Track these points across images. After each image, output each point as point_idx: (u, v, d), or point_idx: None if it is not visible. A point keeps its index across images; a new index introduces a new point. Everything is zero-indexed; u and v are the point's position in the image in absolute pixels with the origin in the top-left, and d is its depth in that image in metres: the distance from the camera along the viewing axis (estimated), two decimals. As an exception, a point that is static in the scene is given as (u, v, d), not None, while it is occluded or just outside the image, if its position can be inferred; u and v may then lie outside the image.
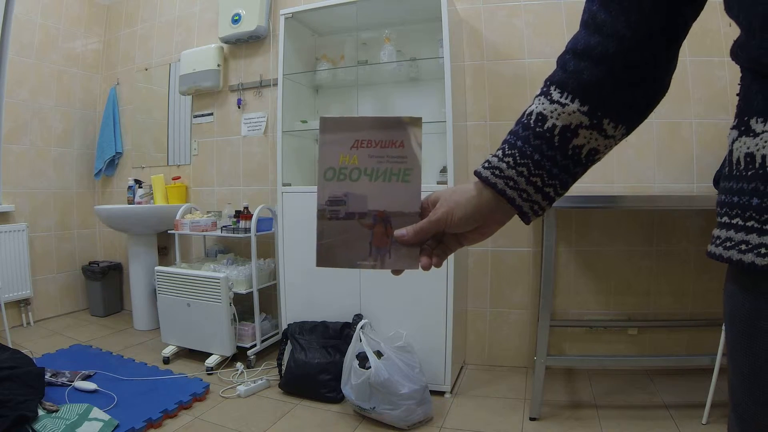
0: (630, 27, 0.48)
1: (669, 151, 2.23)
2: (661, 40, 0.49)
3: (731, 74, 2.15)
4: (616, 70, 0.49)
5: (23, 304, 3.10)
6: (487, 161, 0.54)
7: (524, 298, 2.40)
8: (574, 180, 0.55)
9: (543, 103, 0.52)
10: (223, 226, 2.66)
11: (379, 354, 1.87)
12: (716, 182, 2.07)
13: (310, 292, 2.27)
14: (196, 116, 3.16)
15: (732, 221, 0.42)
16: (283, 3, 2.81)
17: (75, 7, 3.40)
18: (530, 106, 0.54)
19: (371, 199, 0.54)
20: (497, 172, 0.53)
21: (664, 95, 0.54)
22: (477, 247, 2.44)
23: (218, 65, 2.96)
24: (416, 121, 0.54)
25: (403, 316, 2.10)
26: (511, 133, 0.54)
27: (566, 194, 0.58)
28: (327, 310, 2.22)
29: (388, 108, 2.52)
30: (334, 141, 0.54)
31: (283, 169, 2.34)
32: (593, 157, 0.54)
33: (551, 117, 0.51)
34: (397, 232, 0.54)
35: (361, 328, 1.97)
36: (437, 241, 0.56)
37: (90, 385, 2.07)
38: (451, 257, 1.99)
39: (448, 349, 2.05)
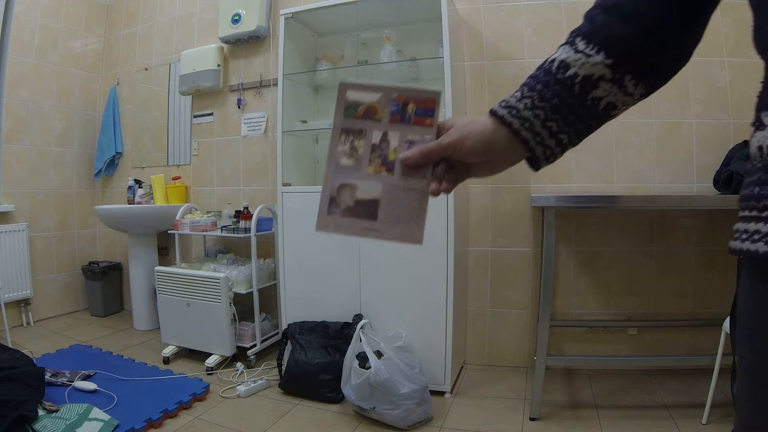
0: None
1: (669, 151, 2.23)
2: (693, 4, 0.49)
3: (731, 74, 2.15)
4: (644, 30, 0.49)
5: (23, 304, 3.10)
6: (504, 101, 0.54)
7: (524, 298, 2.40)
8: (588, 131, 0.54)
9: (567, 52, 0.52)
10: (223, 226, 2.66)
11: (379, 354, 1.87)
12: (716, 182, 2.07)
13: (310, 292, 2.27)
14: (196, 116, 3.16)
15: (743, 213, 0.43)
16: (283, 3, 2.81)
17: (75, 7, 3.40)
18: (553, 54, 0.53)
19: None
20: (514, 111, 0.53)
21: (685, 63, 0.54)
22: (477, 247, 2.44)
23: (218, 65, 2.96)
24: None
25: (403, 316, 2.10)
26: (531, 77, 0.54)
27: (566, 194, 0.59)
28: (327, 310, 2.22)
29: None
30: None
31: (283, 169, 2.34)
32: (610, 111, 0.53)
33: (574, 65, 0.51)
34: (403, 154, 0.53)
35: (361, 328, 1.97)
36: (449, 167, 0.55)
37: (90, 385, 2.07)
38: (451, 257, 2.01)
39: (448, 349, 2.05)
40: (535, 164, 0.55)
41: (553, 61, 0.53)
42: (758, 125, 0.41)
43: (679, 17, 0.49)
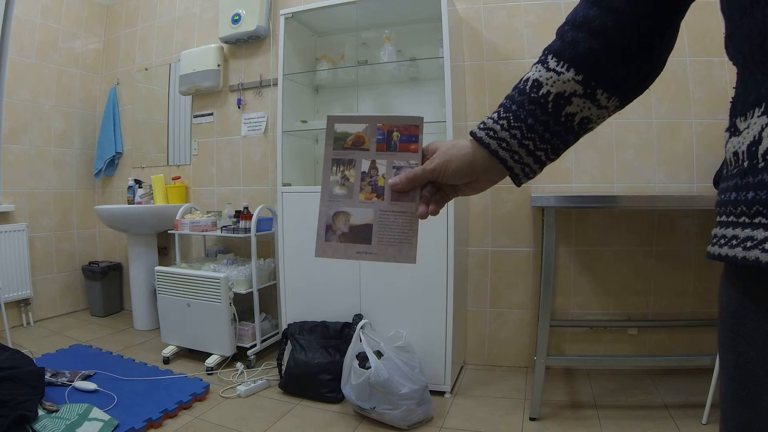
0: (629, 3, 0.48)
1: (669, 151, 2.23)
2: (660, 17, 0.49)
3: (731, 74, 2.15)
4: (612, 44, 0.50)
5: (23, 304, 3.10)
6: (483, 123, 0.56)
7: (524, 298, 2.40)
8: (566, 146, 0.56)
9: (539, 71, 0.53)
10: (223, 226, 2.66)
11: (379, 354, 1.87)
12: (716, 182, 2.06)
13: (310, 292, 2.27)
14: (196, 116, 3.16)
15: (720, 218, 0.43)
16: (283, 3, 2.81)
17: (75, 7, 3.40)
18: (527, 73, 0.55)
19: None
20: (491, 133, 0.55)
21: (660, 72, 0.54)
22: (477, 247, 2.44)
23: (218, 65, 2.96)
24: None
25: (403, 316, 2.10)
26: (507, 97, 0.56)
27: (566, 194, 0.59)
28: (327, 310, 2.22)
29: (389, 108, 2.52)
30: None
31: (283, 169, 2.34)
32: (586, 125, 0.54)
33: (546, 84, 0.52)
34: (391, 180, 0.57)
35: (361, 328, 1.97)
36: (436, 188, 0.58)
37: (90, 385, 2.07)
38: (451, 257, 2.01)
39: (448, 349, 2.05)
40: (516, 181, 0.57)
41: (527, 80, 0.54)
42: (733, 131, 0.42)
43: (647, 30, 0.49)
